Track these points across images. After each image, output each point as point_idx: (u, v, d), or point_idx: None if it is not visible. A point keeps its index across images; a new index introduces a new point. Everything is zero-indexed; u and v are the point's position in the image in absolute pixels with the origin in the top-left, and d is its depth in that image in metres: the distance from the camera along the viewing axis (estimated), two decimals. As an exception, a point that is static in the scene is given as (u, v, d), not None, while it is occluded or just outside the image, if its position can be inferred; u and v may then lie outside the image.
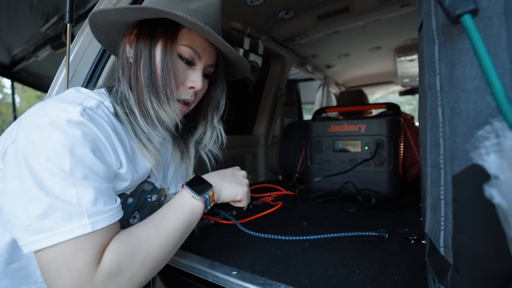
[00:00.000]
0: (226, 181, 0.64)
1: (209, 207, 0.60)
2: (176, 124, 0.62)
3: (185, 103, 0.61)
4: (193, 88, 0.59)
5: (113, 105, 0.56)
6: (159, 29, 0.56)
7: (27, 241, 0.41)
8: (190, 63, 0.58)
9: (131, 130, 0.56)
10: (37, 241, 0.40)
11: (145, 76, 0.55)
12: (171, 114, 0.57)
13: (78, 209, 0.42)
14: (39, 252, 0.41)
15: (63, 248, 0.41)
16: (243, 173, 0.70)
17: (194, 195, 0.56)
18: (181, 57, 0.57)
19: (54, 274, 0.41)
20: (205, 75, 0.63)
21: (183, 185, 0.58)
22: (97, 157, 0.46)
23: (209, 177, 0.63)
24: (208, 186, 0.60)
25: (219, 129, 0.72)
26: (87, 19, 0.59)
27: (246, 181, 0.68)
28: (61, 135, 0.43)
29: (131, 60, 0.58)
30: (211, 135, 0.72)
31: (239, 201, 0.67)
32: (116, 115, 0.56)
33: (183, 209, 0.55)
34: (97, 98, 0.54)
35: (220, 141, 0.72)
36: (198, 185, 0.59)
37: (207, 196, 0.58)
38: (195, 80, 0.59)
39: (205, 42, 0.59)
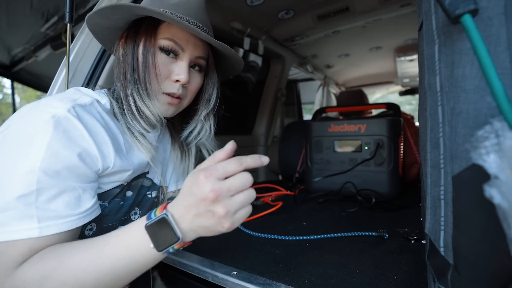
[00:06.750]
0: (200, 222, 0.41)
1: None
2: (167, 118, 0.62)
3: (175, 96, 0.60)
4: (178, 81, 0.59)
5: (110, 103, 0.58)
6: (142, 27, 0.58)
7: None
8: (172, 54, 0.58)
9: (124, 125, 0.58)
10: None
11: (129, 73, 0.57)
12: (154, 109, 0.58)
13: (31, 210, 0.42)
14: None
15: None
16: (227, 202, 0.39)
17: (152, 246, 0.42)
18: (162, 49, 0.57)
19: None
20: (198, 69, 0.63)
21: (144, 225, 0.42)
22: (77, 154, 0.46)
23: (180, 215, 0.41)
24: (174, 239, 0.41)
25: (210, 124, 0.69)
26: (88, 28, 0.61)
27: (229, 207, 0.39)
28: (42, 128, 0.44)
29: (121, 60, 0.60)
30: (201, 130, 0.69)
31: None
32: (113, 112, 0.58)
33: (132, 255, 0.42)
34: (93, 96, 0.55)
35: (208, 135, 0.70)
36: (162, 230, 0.41)
37: (170, 250, 0.42)
38: (179, 72, 0.58)
39: (187, 34, 0.59)
